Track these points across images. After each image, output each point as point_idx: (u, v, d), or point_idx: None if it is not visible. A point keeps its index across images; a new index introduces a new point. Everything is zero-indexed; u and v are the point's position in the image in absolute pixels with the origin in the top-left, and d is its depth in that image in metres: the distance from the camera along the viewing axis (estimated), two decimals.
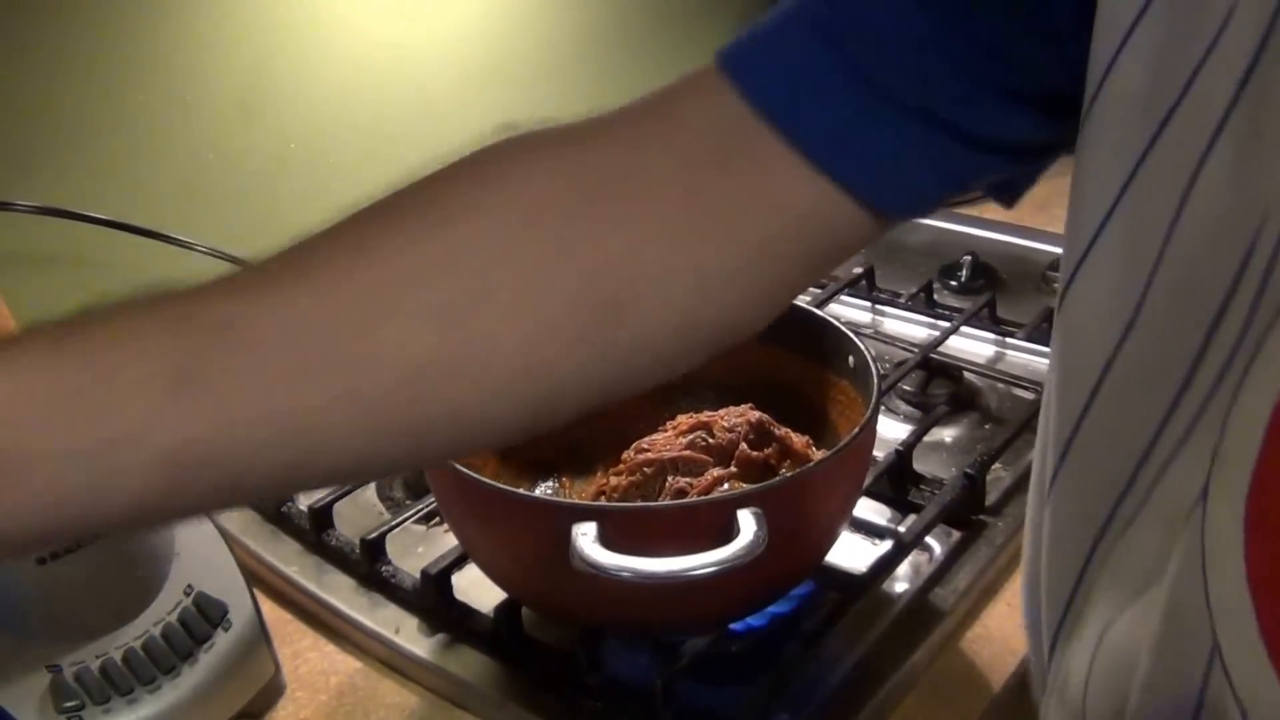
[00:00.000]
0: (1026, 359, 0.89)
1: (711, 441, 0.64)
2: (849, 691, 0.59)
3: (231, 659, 0.58)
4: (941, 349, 0.87)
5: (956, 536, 0.69)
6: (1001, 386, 0.85)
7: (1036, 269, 1.01)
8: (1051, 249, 1.00)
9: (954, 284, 1.00)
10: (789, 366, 0.71)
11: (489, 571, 0.61)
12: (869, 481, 0.67)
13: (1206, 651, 0.31)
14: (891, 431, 0.77)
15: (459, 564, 0.65)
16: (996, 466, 0.73)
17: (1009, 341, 0.91)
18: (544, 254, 0.38)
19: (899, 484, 0.72)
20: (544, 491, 0.69)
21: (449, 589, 0.65)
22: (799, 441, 0.66)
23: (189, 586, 0.58)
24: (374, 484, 0.77)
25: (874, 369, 0.63)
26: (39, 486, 0.31)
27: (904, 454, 0.72)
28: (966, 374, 0.86)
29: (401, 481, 0.78)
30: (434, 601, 0.65)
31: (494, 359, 0.37)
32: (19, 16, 0.80)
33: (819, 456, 0.64)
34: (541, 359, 0.38)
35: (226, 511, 0.62)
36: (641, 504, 0.61)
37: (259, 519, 0.74)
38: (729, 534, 0.51)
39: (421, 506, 0.73)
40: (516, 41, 1.14)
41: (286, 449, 0.34)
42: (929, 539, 0.69)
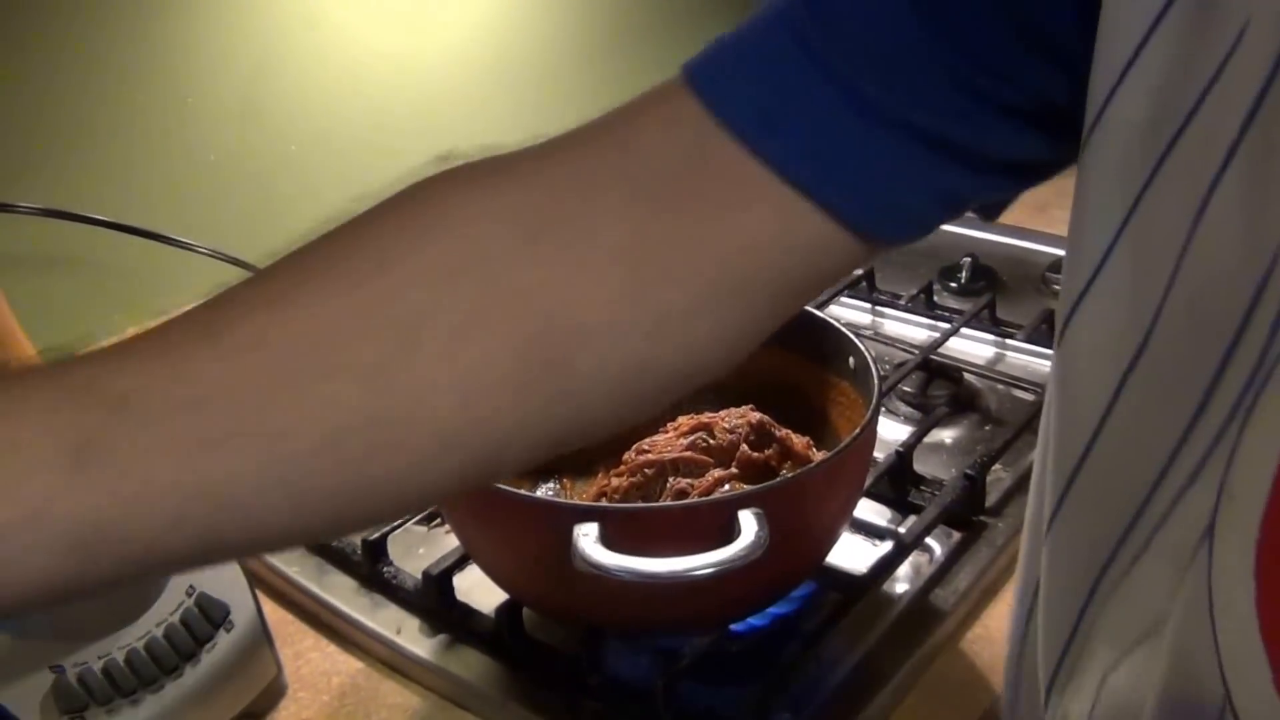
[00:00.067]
0: (1026, 360, 0.89)
1: (712, 442, 0.64)
2: (850, 692, 0.59)
3: (233, 659, 0.58)
4: (941, 350, 0.87)
5: (957, 537, 0.69)
6: (1001, 388, 0.85)
7: (1036, 270, 1.01)
8: (1051, 250, 1.00)
9: (954, 285, 1.00)
10: (790, 368, 0.71)
11: (490, 572, 0.61)
12: (869, 482, 0.67)
13: (1218, 702, 0.29)
14: (892, 433, 0.78)
15: (460, 565, 0.66)
16: (997, 467, 0.73)
17: (1009, 343, 0.91)
18: (480, 301, 0.34)
19: (899, 485, 0.72)
20: (545, 492, 0.69)
21: (450, 590, 0.65)
22: (800, 442, 0.66)
23: (191, 587, 0.58)
24: None
25: (874, 370, 0.63)
26: None
27: (904, 455, 0.72)
28: (966, 375, 0.86)
29: None
30: (435, 602, 0.65)
31: (426, 419, 0.34)
32: (20, 19, 0.81)
33: (820, 457, 0.64)
34: (480, 416, 0.35)
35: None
36: (642, 504, 0.61)
37: None
38: (730, 534, 0.51)
39: None
40: (517, 44, 1.14)
41: (199, 522, 0.31)
42: (929, 540, 0.69)
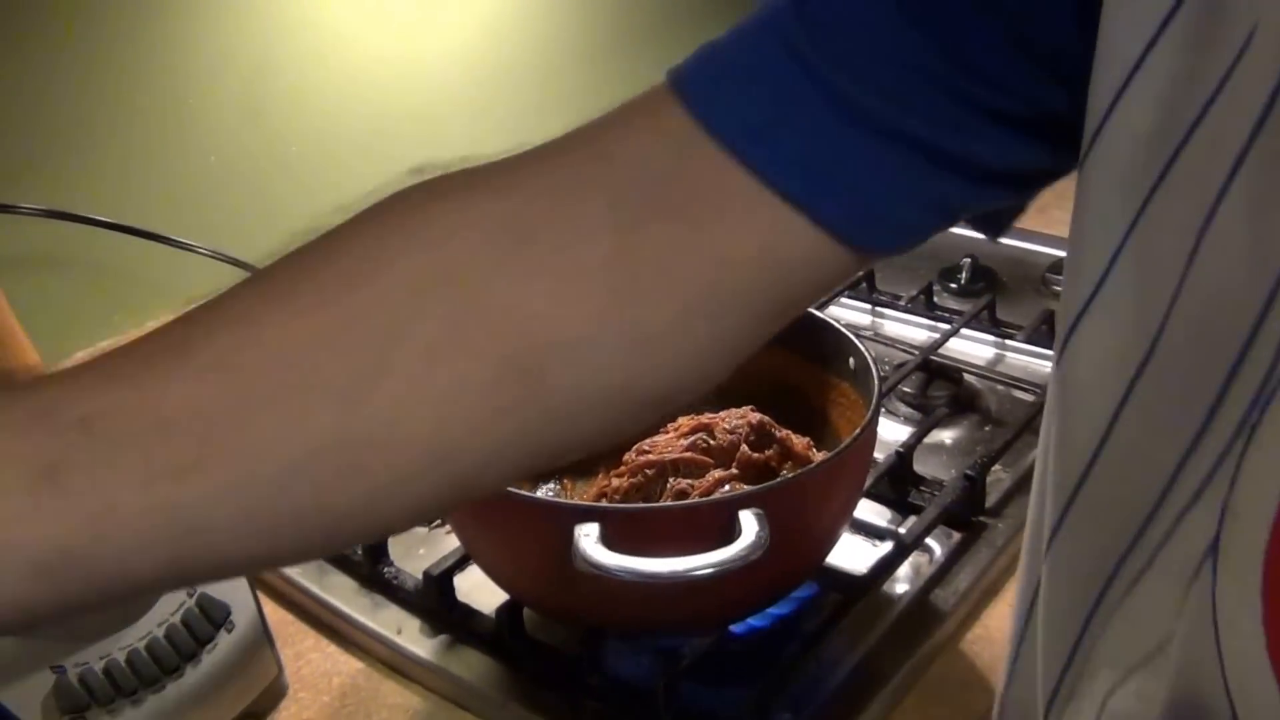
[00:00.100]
0: (1026, 361, 0.89)
1: (712, 443, 0.64)
2: (850, 692, 0.59)
3: (234, 660, 0.58)
4: (941, 351, 0.87)
5: (957, 538, 0.69)
6: (1001, 388, 0.85)
7: (1036, 271, 1.01)
8: (1051, 251, 1.00)
9: (954, 286, 1.00)
10: (790, 368, 0.71)
11: (491, 573, 0.62)
12: (869, 483, 0.67)
13: None
14: (892, 433, 0.78)
15: (461, 565, 0.66)
16: (996, 468, 0.73)
17: (1009, 344, 0.91)
18: (455, 318, 0.34)
19: (899, 485, 0.72)
20: (545, 493, 0.69)
21: (451, 590, 0.66)
22: (800, 443, 0.66)
23: (192, 588, 0.58)
24: None
25: (875, 371, 0.63)
26: None
27: (904, 455, 0.72)
28: (966, 376, 0.86)
29: None
30: (436, 602, 0.65)
31: (400, 440, 0.33)
32: (21, 21, 0.81)
33: (820, 458, 0.64)
34: (455, 435, 0.34)
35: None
36: (643, 505, 0.61)
37: None
38: (731, 534, 0.51)
39: None
40: (517, 45, 1.14)
41: (168, 547, 0.31)
42: (929, 540, 0.69)
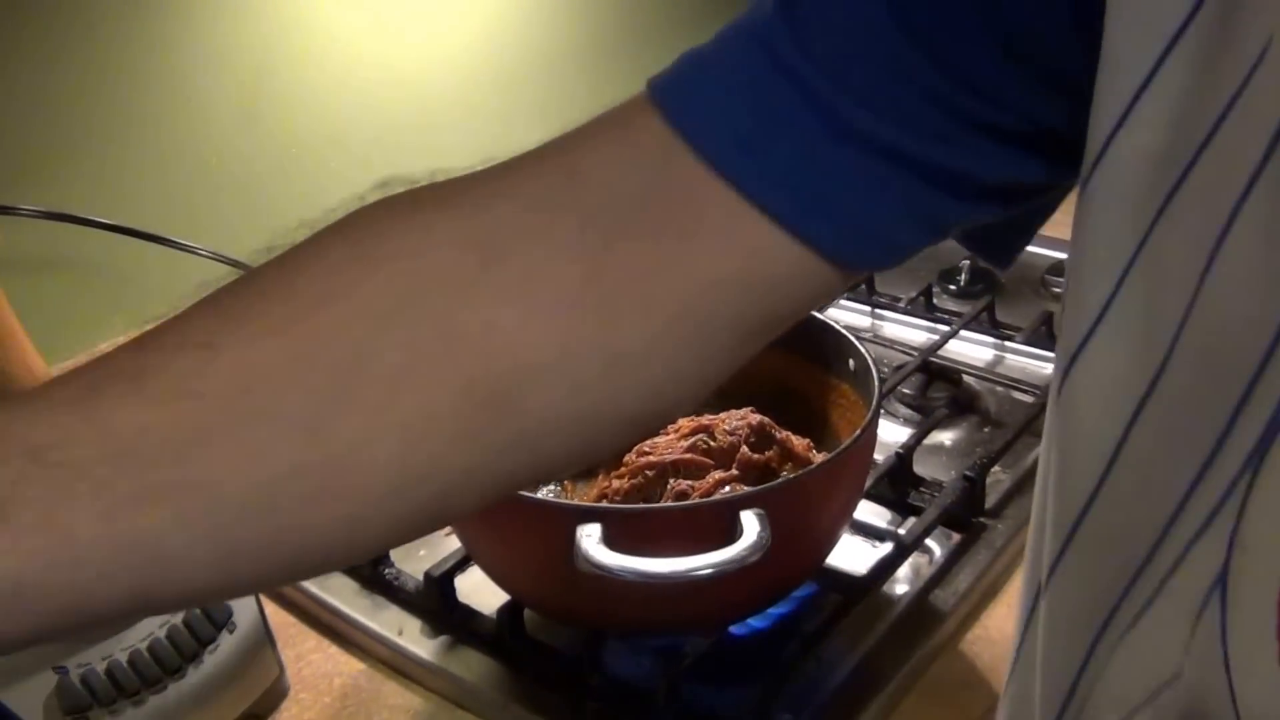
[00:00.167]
0: (1025, 362, 0.89)
1: (713, 444, 0.64)
2: (850, 692, 0.59)
3: (236, 661, 0.59)
4: (941, 353, 0.87)
5: (956, 539, 0.70)
6: (1001, 390, 0.85)
7: (1035, 273, 1.01)
8: (1050, 253, 1.01)
9: (953, 288, 1.00)
10: (790, 370, 0.71)
11: (492, 573, 0.62)
12: (869, 484, 0.68)
13: None
14: (891, 434, 0.78)
15: (462, 566, 0.66)
16: (996, 469, 0.74)
17: (1008, 345, 0.91)
18: (420, 344, 0.32)
19: (899, 487, 0.72)
20: (546, 495, 0.70)
21: (452, 591, 0.66)
22: (800, 444, 0.66)
23: None
24: None
25: (875, 372, 0.63)
26: None
27: (904, 457, 0.72)
28: (966, 377, 0.86)
29: None
30: (437, 603, 0.66)
31: (363, 468, 0.32)
32: (22, 23, 0.81)
33: (820, 459, 0.64)
34: (420, 463, 0.33)
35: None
36: (645, 505, 0.61)
37: None
38: (732, 535, 0.51)
39: None
40: (517, 47, 1.14)
41: (126, 578, 0.30)
42: (929, 541, 0.69)
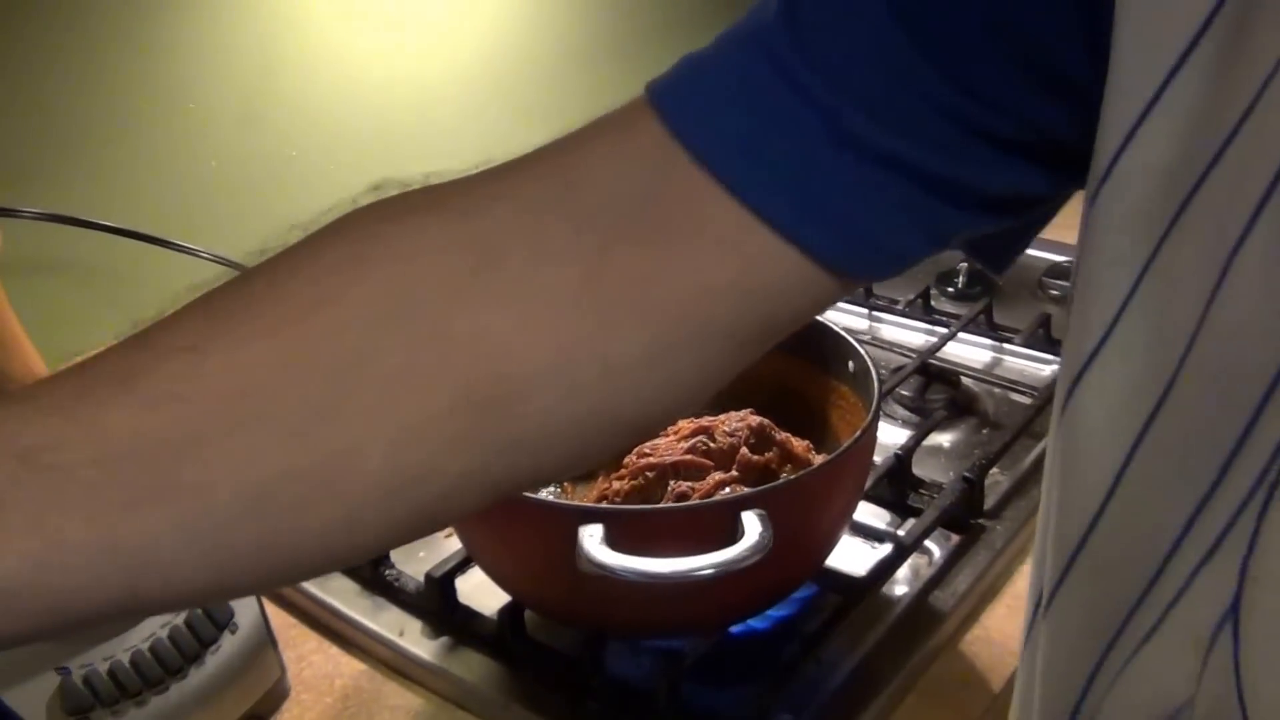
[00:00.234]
0: (1023, 364, 0.90)
1: (713, 446, 0.65)
2: (850, 693, 0.60)
3: (237, 662, 0.59)
4: (939, 355, 0.87)
5: (955, 540, 0.70)
6: (999, 391, 0.86)
7: (1033, 275, 1.01)
8: (1048, 255, 1.01)
9: (951, 290, 1.01)
10: (790, 371, 0.72)
11: (494, 574, 0.62)
12: (868, 485, 0.68)
13: None
14: (890, 436, 0.78)
15: (462, 567, 0.66)
16: (994, 471, 0.74)
17: (1006, 347, 0.91)
18: (413, 349, 0.32)
19: (898, 488, 0.73)
20: (546, 496, 0.70)
21: (453, 592, 0.66)
22: (799, 446, 0.66)
23: None
24: None
25: (874, 373, 0.63)
26: None
27: (903, 458, 0.72)
28: (964, 379, 0.86)
29: None
30: (438, 604, 0.66)
31: (356, 473, 0.32)
32: (23, 26, 0.81)
33: (819, 460, 0.64)
34: (416, 466, 0.32)
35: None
36: (647, 506, 0.61)
37: None
38: (734, 536, 0.52)
39: None
40: (515, 50, 1.14)
41: (116, 581, 0.30)
42: (928, 542, 0.69)
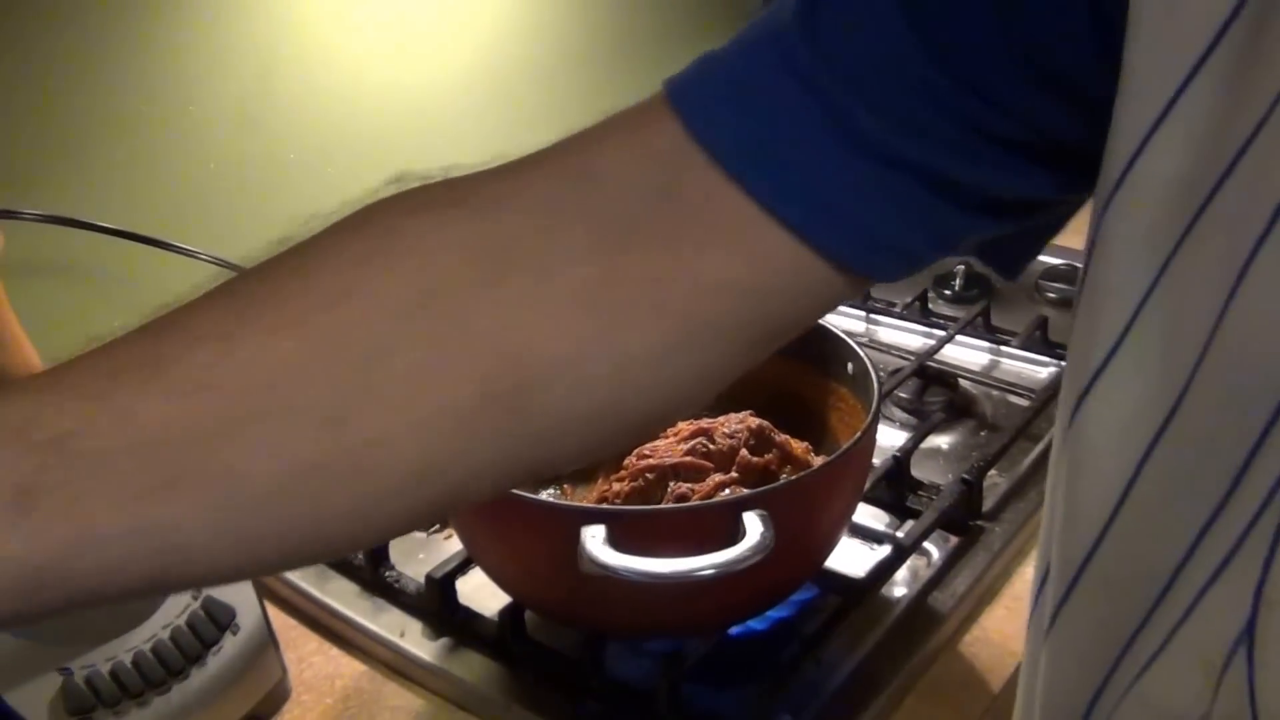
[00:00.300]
0: (1021, 366, 0.90)
1: (712, 447, 0.65)
2: (849, 694, 0.60)
3: (239, 663, 0.59)
4: (937, 357, 0.88)
5: (954, 541, 0.70)
6: (996, 393, 0.86)
7: (1030, 278, 1.02)
8: (1045, 258, 1.01)
9: (948, 293, 1.01)
10: (789, 374, 0.72)
11: (495, 575, 0.62)
12: (867, 487, 0.68)
13: None
14: (889, 438, 0.78)
15: (463, 568, 0.66)
16: (993, 473, 0.74)
17: (1003, 350, 0.92)
18: (438, 339, 0.33)
19: (897, 490, 0.73)
20: (546, 497, 0.70)
21: (453, 593, 0.66)
22: (799, 447, 0.66)
23: (197, 591, 0.58)
24: None
25: (874, 375, 0.64)
26: None
27: (902, 460, 0.73)
28: (962, 382, 0.87)
29: None
30: (438, 605, 0.66)
31: (382, 461, 0.32)
32: (22, 27, 0.81)
33: (819, 462, 0.65)
34: (437, 457, 0.33)
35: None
36: (649, 507, 0.62)
37: None
38: (735, 536, 0.52)
39: None
40: (517, 53, 1.14)
41: (146, 564, 0.30)
42: (927, 544, 0.69)
